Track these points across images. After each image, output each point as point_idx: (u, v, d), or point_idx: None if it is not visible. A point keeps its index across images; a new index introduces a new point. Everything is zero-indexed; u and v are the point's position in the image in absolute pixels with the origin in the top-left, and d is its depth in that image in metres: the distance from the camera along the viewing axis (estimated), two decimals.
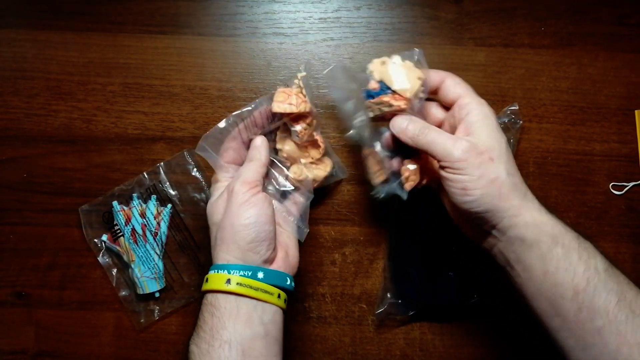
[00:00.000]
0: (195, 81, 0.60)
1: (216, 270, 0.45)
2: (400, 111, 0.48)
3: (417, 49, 0.49)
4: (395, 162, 0.51)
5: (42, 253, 0.59)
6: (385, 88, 0.47)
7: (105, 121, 0.60)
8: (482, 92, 0.60)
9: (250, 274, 0.44)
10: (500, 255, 0.45)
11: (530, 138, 0.60)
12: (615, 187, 0.60)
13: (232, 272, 0.44)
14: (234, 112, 0.50)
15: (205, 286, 0.45)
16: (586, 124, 0.60)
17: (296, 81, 0.51)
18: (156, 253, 0.57)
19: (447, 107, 0.49)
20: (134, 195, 0.58)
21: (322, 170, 0.55)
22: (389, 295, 0.57)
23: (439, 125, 0.49)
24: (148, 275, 0.56)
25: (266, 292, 0.45)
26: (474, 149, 0.42)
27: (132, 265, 0.56)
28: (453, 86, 0.47)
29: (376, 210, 0.59)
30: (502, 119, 0.58)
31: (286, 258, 0.48)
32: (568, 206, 0.59)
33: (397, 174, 0.50)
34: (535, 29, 0.61)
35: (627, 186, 0.60)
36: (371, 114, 0.49)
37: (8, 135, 0.60)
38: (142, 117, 0.60)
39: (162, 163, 0.59)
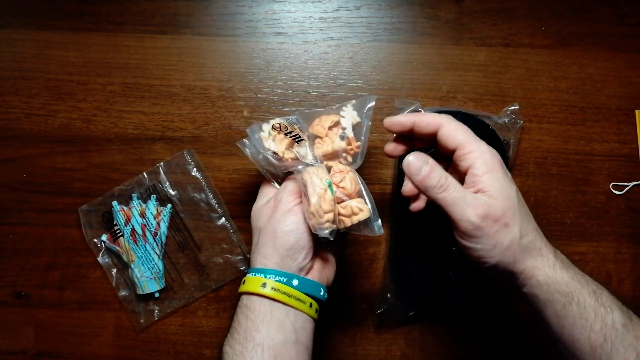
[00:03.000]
0: (195, 81, 0.60)
1: (253, 274, 0.45)
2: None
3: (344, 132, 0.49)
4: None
5: (42, 253, 0.58)
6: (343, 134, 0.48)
7: (105, 121, 0.60)
8: (482, 92, 0.60)
9: (285, 280, 0.45)
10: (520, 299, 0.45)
11: (530, 138, 0.60)
12: (615, 187, 0.60)
13: (268, 277, 0.44)
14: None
15: (242, 288, 0.46)
16: (586, 124, 0.60)
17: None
18: (156, 253, 0.57)
19: (447, 153, 0.45)
20: (134, 195, 0.58)
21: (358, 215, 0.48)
22: (389, 295, 0.57)
23: None
24: (148, 275, 0.56)
25: (299, 299, 0.45)
26: (491, 216, 0.40)
27: (132, 266, 0.56)
28: (449, 135, 0.43)
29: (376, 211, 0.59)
30: (502, 118, 0.58)
31: (322, 270, 0.48)
32: (568, 206, 0.59)
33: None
34: (535, 29, 0.61)
35: (628, 186, 0.59)
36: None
37: (8, 135, 0.60)
38: (141, 117, 0.60)
39: (161, 163, 0.59)
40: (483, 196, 0.41)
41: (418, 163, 0.42)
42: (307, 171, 0.46)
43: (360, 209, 0.46)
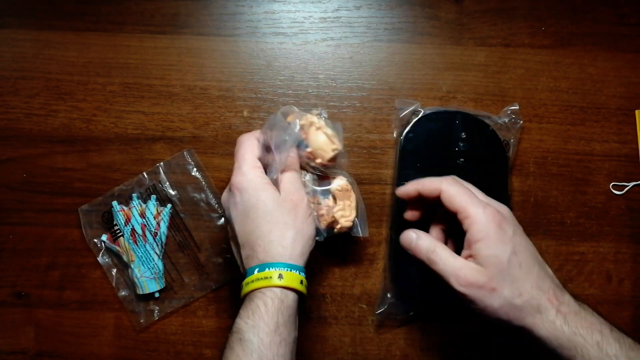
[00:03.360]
0: (195, 81, 0.60)
1: (291, 269, 0.45)
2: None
3: (339, 123, 0.52)
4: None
5: (42, 253, 0.58)
6: (304, 146, 0.50)
7: (105, 121, 0.60)
8: (482, 92, 0.60)
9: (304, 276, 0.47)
10: None
11: (530, 138, 0.60)
12: (615, 187, 0.60)
13: (301, 274, 0.46)
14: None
15: (278, 282, 0.44)
16: (586, 124, 0.60)
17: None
18: (156, 253, 0.57)
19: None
20: (134, 195, 0.58)
21: (346, 220, 0.54)
22: (389, 295, 0.57)
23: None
24: (148, 275, 0.56)
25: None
26: (474, 284, 0.43)
27: (132, 266, 0.56)
28: (449, 200, 0.45)
29: (376, 211, 0.59)
30: (502, 118, 0.58)
31: None
32: (568, 206, 0.59)
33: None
34: (535, 29, 0.61)
35: (628, 186, 0.59)
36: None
37: (8, 135, 0.60)
38: (141, 117, 0.60)
39: (161, 163, 0.59)
40: (471, 263, 0.44)
41: (407, 240, 0.48)
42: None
43: (346, 219, 0.52)
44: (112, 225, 0.58)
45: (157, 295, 0.57)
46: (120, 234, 0.57)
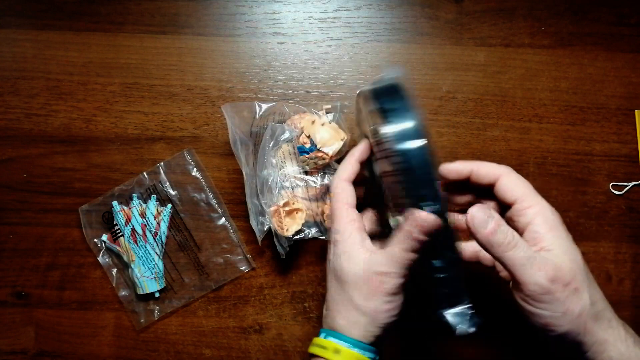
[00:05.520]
0: (195, 81, 0.60)
1: (353, 347, 0.40)
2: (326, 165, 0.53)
3: (338, 104, 0.56)
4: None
5: (42, 253, 0.59)
6: (313, 145, 0.53)
7: (105, 121, 0.60)
8: (482, 92, 0.60)
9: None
10: None
11: (530, 138, 0.60)
12: (615, 187, 0.60)
13: (365, 353, 0.40)
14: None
15: (335, 357, 0.40)
16: (586, 124, 0.60)
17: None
18: (156, 253, 0.57)
19: (503, 204, 0.43)
20: (134, 195, 0.58)
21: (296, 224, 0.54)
22: None
23: None
24: (148, 275, 0.56)
25: None
26: (561, 280, 0.37)
27: (132, 265, 0.56)
28: (508, 187, 0.41)
29: None
30: None
31: None
32: (568, 206, 0.59)
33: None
34: (535, 29, 0.61)
35: (627, 186, 0.60)
36: (307, 168, 0.55)
37: (8, 135, 0.60)
38: (142, 117, 0.60)
39: (162, 163, 0.59)
40: (549, 255, 0.38)
41: (483, 216, 0.37)
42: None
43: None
44: (112, 225, 0.58)
45: (157, 295, 0.57)
46: (121, 234, 0.57)
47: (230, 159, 0.59)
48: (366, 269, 0.40)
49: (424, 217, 0.37)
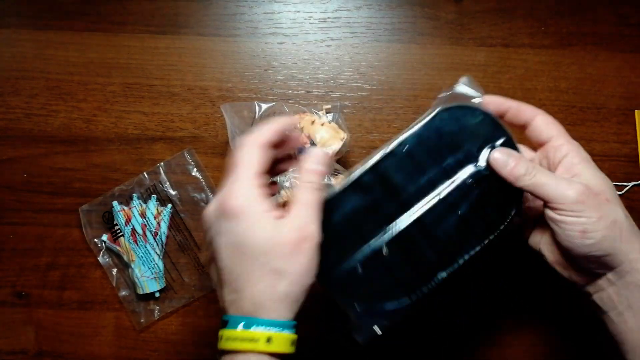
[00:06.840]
0: (195, 81, 0.60)
1: (282, 329, 0.37)
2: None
3: (338, 104, 0.56)
4: None
5: (42, 253, 0.59)
6: (313, 145, 0.53)
7: (105, 121, 0.60)
8: (482, 92, 0.60)
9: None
10: (607, 300, 0.41)
11: None
12: (615, 187, 0.60)
13: (293, 332, 0.39)
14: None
15: (269, 348, 0.36)
16: (586, 124, 0.60)
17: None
18: (156, 253, 0.57)
19: (534, 146, 0.46)
20: (134, 195, 0.58)
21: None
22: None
23: None
24: (148, 275, 0.56)
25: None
26: (590, 191, 0.39)
27: (132, 265, 0.56)
28: (545, 126, 0.43)
29: None
30: None
31: None
32: None
33: None
34: (535, 29, 0.61)
35: (627, 186, 0.60)
36: None
37: (8, 135, 0.60)
38: (142, 117, 0.60)
39: (162, 163, 0.59)
40: (579, 178, 0.41)
41: (503, 157, 0.41)
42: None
43: None
44: (112, 225, 0.58)
45: (157, 295, 0.57)
46: (121, 233, 0.57)
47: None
48: (280, 227, 0.36)
49: (315, 151, 0.40)
